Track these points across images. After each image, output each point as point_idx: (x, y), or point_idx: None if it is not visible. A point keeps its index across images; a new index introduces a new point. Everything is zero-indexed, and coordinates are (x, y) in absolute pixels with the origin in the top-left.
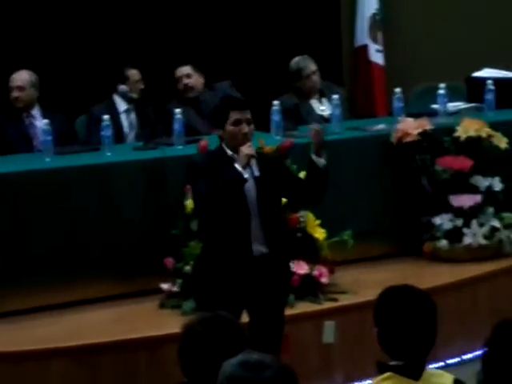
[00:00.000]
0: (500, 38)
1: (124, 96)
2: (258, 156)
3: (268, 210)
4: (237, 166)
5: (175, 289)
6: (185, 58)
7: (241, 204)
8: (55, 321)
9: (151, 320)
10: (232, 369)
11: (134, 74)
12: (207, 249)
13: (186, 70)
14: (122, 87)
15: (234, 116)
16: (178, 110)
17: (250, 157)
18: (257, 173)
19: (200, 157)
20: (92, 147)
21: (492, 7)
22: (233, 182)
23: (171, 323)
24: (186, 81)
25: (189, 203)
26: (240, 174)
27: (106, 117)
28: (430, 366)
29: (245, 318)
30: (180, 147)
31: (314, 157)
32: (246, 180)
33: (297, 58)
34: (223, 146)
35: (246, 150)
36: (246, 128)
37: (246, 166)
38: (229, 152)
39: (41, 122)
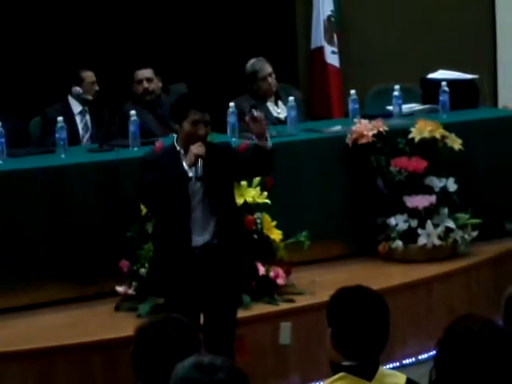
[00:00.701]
0: (454, 39)
1: (78, 97)
2: (206, 146)
3: (217, 204)
4: (184, 163)
5: (130, 291)
6: (140, 60)
7: (181, 198)
8: (8, 324)
9: (106, 323)
10: (185, 371)
11: (89, 75)
12: (155, 245)
13: (147, 73)
14: (76, 89)
15: (192, 116)
16: (133, 112)
17: (198, 157)
18: (200, 172)
19: (151, 152)
20: (46, 149)
21: (447, 8)
22: (177, 179)
23: (126, 326)
24: (146, 85)
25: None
26: (185, 173)
27: (60, 118)
28: (386, 367)
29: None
30: (135, 149)
31: (258, 142)
32: (190, 179)
33: (252, 60)
34: (174, 141)
35: (196, 149)
36: (202, 130)
37: (193, 165)
38: (177, 147)
39: None
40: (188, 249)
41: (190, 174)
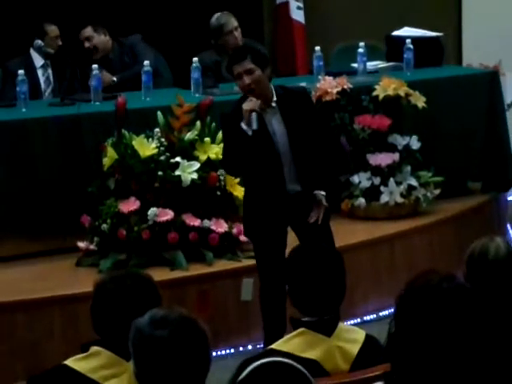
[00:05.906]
0: None
1: (40, 51)
2: (284, 92)
3: (299, 151)
4: (242, 124)
5: (92, 247)
6: (99, 16)
7: (270, 151)
8: None
9: (67, 278)
10: (140, 322)
11: (52, 29)
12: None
13: (86, 32)
14: (38, 42)
15: (235, 70)
16: (95, 66)
17: (250, 111)
18: (256, 125)
19: (233, 108)
20: (7, 103)
21: None
22: (241, 139)
23: (87, 281)
24: (87, 44)
25: (105, 161)
26: (245, 132)
27: (21, 71)
28: (347, 323)
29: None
30: (97, 103)
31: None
32: (249, 136)
33: (217, 14)
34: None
35: (245, 105)
36: (246, 80)
37: (248, 121)
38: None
39: None
40: (283, 195)
41: (250, 133)
